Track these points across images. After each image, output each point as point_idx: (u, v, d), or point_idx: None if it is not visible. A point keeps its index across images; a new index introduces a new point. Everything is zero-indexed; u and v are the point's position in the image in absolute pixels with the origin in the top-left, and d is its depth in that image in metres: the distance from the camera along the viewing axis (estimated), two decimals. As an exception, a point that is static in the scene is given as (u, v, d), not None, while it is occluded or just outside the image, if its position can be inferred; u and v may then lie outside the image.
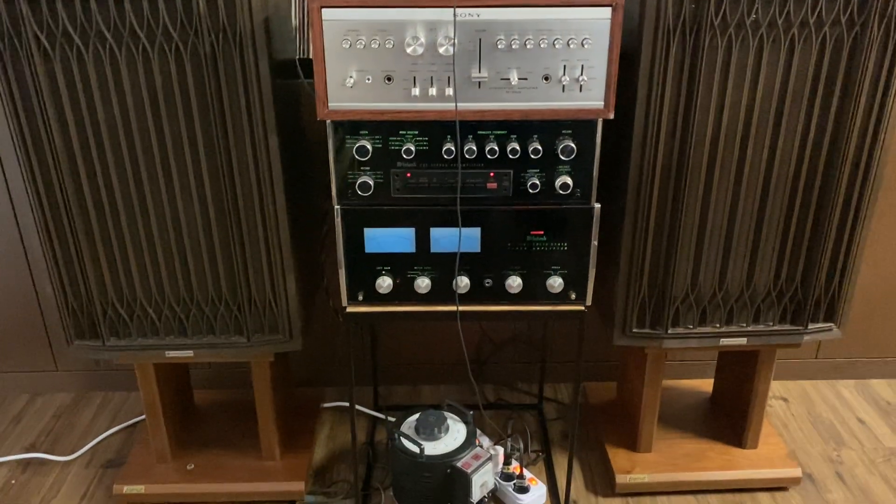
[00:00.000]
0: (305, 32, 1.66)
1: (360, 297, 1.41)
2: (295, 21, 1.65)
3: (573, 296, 1.41)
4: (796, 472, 1.71)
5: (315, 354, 2.04)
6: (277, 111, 1.34)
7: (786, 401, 2.05)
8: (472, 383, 1.48)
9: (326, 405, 2.01)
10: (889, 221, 1.91)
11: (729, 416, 1.86)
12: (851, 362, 2.11)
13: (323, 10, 1.17)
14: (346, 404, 2.01)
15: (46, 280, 1.47)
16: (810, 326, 1.56)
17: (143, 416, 1.91)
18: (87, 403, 2.07)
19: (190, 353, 1.55)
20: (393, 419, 1.65)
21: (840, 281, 1.52)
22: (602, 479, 1.75)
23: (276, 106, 1.34)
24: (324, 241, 1.75)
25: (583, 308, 1.41)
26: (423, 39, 1.18)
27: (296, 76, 1.58)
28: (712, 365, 2.01)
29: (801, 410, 2.01)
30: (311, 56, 1.67)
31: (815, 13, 1.29)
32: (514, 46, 1.20)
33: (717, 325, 1.55)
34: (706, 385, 2.01)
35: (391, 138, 1.29)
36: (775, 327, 1.56)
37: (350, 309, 1.42)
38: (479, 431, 1.70)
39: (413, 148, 1.28)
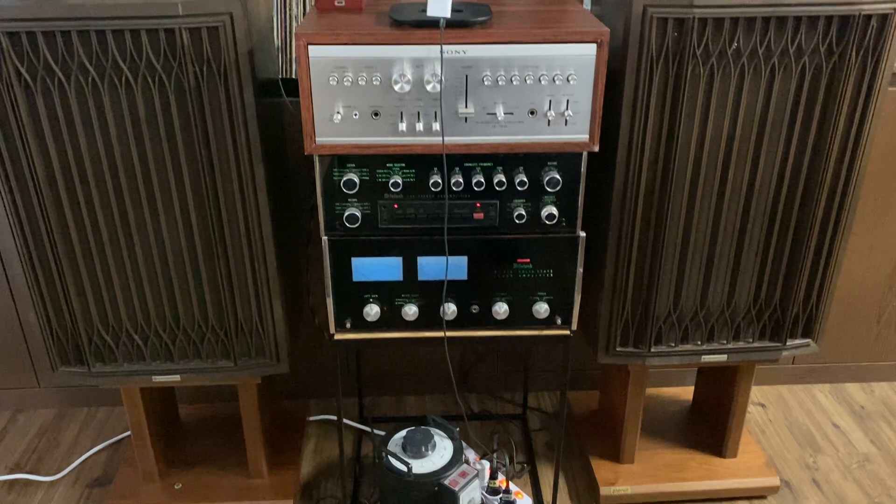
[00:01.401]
0: (288, 53, 1.65)
1: (348, 325, 1.42)
2: (277, 41, 1.64)
3: (559, 321, 1.43)
4: (774, 480, 1.76)
5: (299, 366, 2.04)
6: (263, 139, 1.34)
7: (763, 406, 2.10)
8: (460, 404, 1.49)
9: (312, 418, 2.02)
10: (861, 229, 1.95)
11: (709, 425, 1.90)
12: (826, 367, 2.16)
13: (310, 47, 1.17)
14: (332, 417, 2.02)
15: (28, 302, 1.46)
16: (788, 342, 1.60)
17: (129, 433, 1.91)
18: (70, 419, 2.06)
19: (177, 377, 1.55)
20: (379, 433, 1.67)
21: (818, 299, 1.56)
22: (586, 491, 1.79)
23: (262, 133, 1.33)
24: (308, 260, 1.75)
25: (569, 333, 1.44)
26: (409, 76, 1.18)
27: (278, 95, 1.58)
28: (692, 372, 2.04)
29: (778, 416, 2.06)
30: (293, 76, 1.67)
31: (795, 43, 1.31)
32: (500, 82, 1.20)
33: (699, 343, 1.58)
34: (686, 393, 2.05)
35: (378, 171, 1.29)
36: (755, 344, 1.59)
37: (338, 336, 1.43)
38: (464, 444, 1.73)
39: (400, 180, 1.29)
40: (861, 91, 1.36)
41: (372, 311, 1.39)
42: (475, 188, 1.30)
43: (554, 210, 1.32)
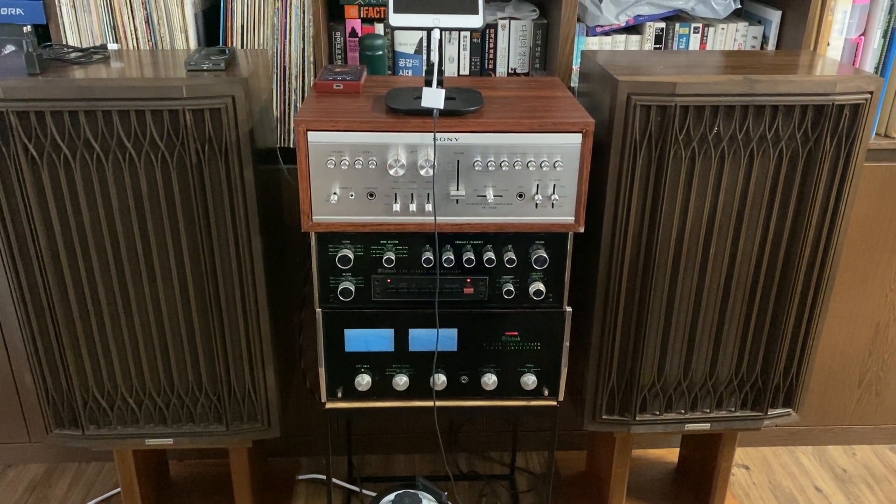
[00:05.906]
0: (286, 124, 1.70)
1: (339, 394, 1.45)
2: (277, 112, 1.70)
3: (546, 392, 1.46)
4: (757, 546, 1.79)
5: (290, 424, 2.05)
6: (260, 209, 1.38)
7: (747, 468, 2.13)
8: (447, 467, 1.51)
9: (301, 477, 2.03)
10: (841, 296, 2.00)
11: (694, 487, 1.92)
12: (809, 429, 2.20)
13: (309, 132, 1.22)
14: (321, 477, 2.04)
15: (24, 362, 1.48)
16: (770, 412, 1.63)
17: (119, 490, 1.92)
18: (60, 475, 2.06)
19: (170, 440, 1.57)
20: (368, 493, 1.69)
21: (798, 370, 1.60)
22: (572, 555, 1.81)
23: (259, 203, 1.38)
24: (302, 323, 1.78)
25: (555, 404, 1.47)
26: (404, 161, 1.24)
27: (277, 162, 1.63)
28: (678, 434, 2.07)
29: (761, 479, 2.09)
30: (291, 145, 1.72)
31: (773, 130, 1.37)
32: (490, 167, 1.26)
33: (683, 412, 1.62)
34: (672, 454, 2.08)
35: (372, 247, 1.34)
36: (737, 413, 1.63)
37: (329, 405, 1.46)
38: (452, 508, 1.75)
39: (393, 257, 1.33)
40: (836, 173, 1.42)
41: (363, 380, 1.43)
42: (465, 265, 1.34)
43: (541, 286, 1.37)
